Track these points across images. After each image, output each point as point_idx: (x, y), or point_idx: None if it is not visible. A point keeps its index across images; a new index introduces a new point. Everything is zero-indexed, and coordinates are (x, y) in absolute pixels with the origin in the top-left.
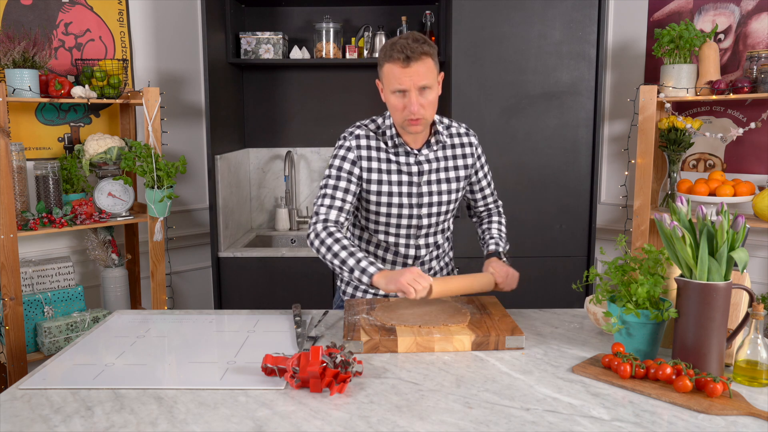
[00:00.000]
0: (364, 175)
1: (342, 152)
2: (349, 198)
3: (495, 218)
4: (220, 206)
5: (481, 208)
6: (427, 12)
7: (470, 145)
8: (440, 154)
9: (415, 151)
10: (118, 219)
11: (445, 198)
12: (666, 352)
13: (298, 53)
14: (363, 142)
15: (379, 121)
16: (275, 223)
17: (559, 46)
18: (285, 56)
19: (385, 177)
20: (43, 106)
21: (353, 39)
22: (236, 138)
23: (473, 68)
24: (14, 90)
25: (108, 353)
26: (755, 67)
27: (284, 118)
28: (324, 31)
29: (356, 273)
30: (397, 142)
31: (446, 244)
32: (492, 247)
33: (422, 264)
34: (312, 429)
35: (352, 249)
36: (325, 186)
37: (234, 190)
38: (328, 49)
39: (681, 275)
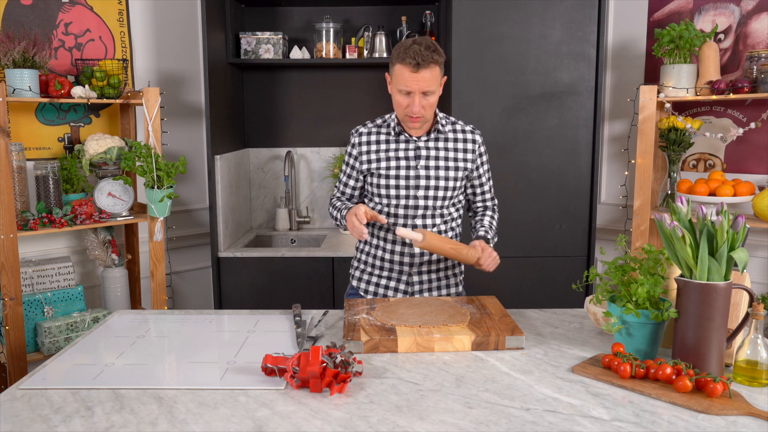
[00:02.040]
0: (365, 166)
1: (349, 148)
2: (349, 190)
3: (489, 212)
4: (220, 206)
5: (479, 204)
6: (427, 12)
7: (473, 141)
8: (441, 144)
9: (415, 138)
10: (118, 219)
11: (441, 183)
12: (666, 352)
13: (298, 53)
14: (364, 138)
15: (386, 116)
16: (275, 223)
17: (559, 46)
18: (285, 56)
19: (384, 163)
20: (43, 106)
21: (353, 39)
22: (236, 138)
23: (473, 68)
24: (14, 90)
25: (108, 353)
26: (755, 67)
27: (284, 118)
28: (324, 31)
29: (342, 223)
30: (397, 130)
31: (450, 234)
32: (481, 233)
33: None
34: (312, 429)
35: (342, 205)
36: (339, 180)
37: (234, 190)
38: (328, 49)
39: (681, 275)
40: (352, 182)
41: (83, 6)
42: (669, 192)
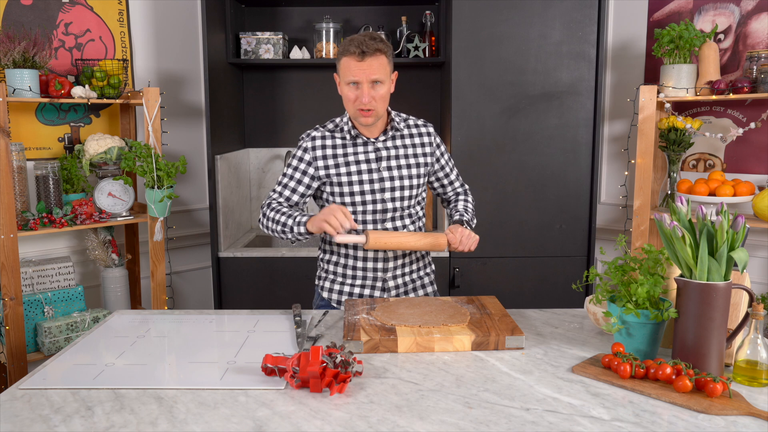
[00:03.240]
0: (322, 172)
1: (299, 153)
2: (296, 197)
3: (461, 197)
4: (220, 206)
5: (450, 194)
6: (427, 12)
7: (428, 134)
8: (398, 142)
9: (372, 140)
10: (118, 219)
11: (406, 183)
12: (666, 352)
13: (298, 53)
14: (318, 142)
15: (337, 120)
16: None
17: (559, 46)
18: (285, 56)
19: (343, 169)
20: (43, 106)
21: None
22: (236, 138)
23: (473, 68)
24: (14, 90)
25: (108, 353)
26: (755, 67)
27: (284, 118)
28: (324, 31)
29: (295, 229)
30: (353, 134)
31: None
32: (456, 217)
33: (394, 251)
34: (312, 429)
35: (290, 212)
36: (278, 182)
37: (234, 190)
38: (328, 49)
39: (681, 275)
40: (301, 188)
41: (83, 6)
42: (669, 192)
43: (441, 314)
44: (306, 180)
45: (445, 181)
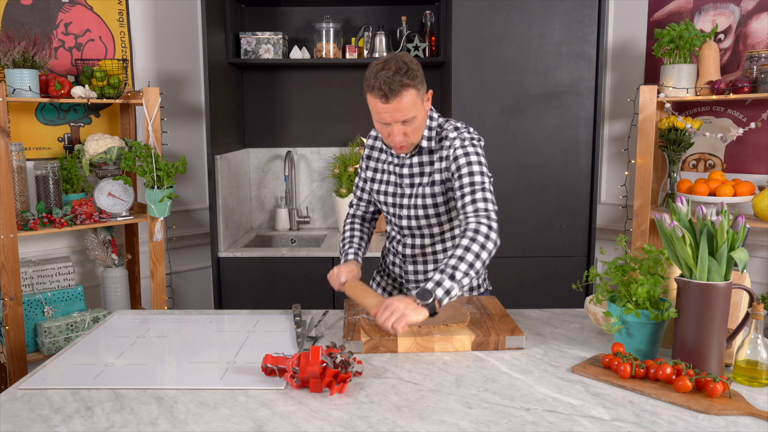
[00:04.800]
0: (369, 174)
1: (364, 152)
2: (360, 193)
3: (460, 241)
4: (220, 206)
5: (461, 215)
6: (427, 12)
7: (450, 147)
8: (425, 158)
9: (402, 155)
10: (118, 219)
11: (421, 201)
12: (666, 352)
13: (298, 53)
14: (378, 143)
15: None
16: (275, 223)
17: (559, 46)
18: (285, 56)
19: (378, 176)
20: (43, 106)
21: (353, 39)
22: (236, 138)
23: (473, 68)
24: (14, 90)
25: (108, 353)
26: (755, 67)
27: (284, 118)
28: (324, 31)
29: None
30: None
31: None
32: (428, 283)
33: (415, 263)
34: (312, 429)
35: (348, 238)
36: (356, 186)
37: (234, 190)
38: (328, 49)
39: (681, 275)
40: (365, 195)
41: (83, 6)
42: (669, 192)
43: (441, 314)
44: (362, 176)
45: (455, 198)
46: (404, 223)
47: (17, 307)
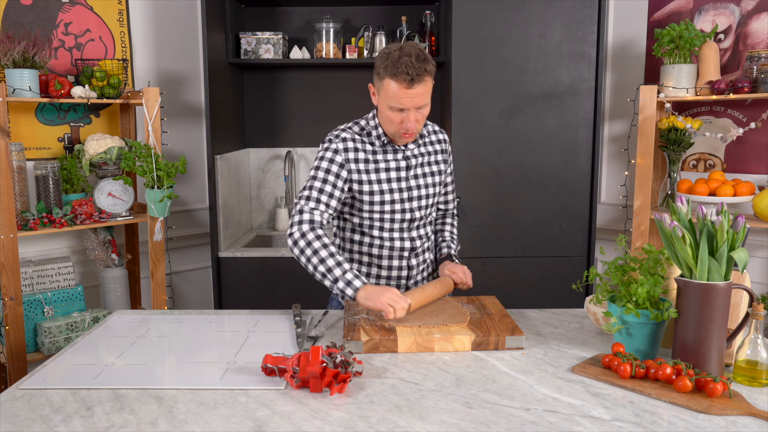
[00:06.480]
0: (354, 176)
1: (329, 154)
2: (333, 203)
3: (448, 220)
4: (220, 206)
5: (442, 207)
6: (427, 12)
7: (445, 141)
8: (423, 149)
9: (402, 148)
10: (118, 219)
11: (431, 190)
12: (666, 352)
13: (298, 53)
14: (350, 144)
15: (362, 122)
16: (275, 223)
17: (559, 46)
18: (285, 56)
19: (374, 176)
20: (43, 106)
21: (353, 39)
22: (236, 138)
23: (473, 68)
24: (14, 90)
25: (108, 353)
26: (755, 67)
27: (284, 118)
28: (324, 31)
29: (340, 284)
30: (384, 141)
31: (433, 236)
32: (444, 251)
33: (417, 255)
34: (312, 429)
35: (339, 258)
36: (311, 187)
37: (234, 190)
38: (328, 49)
39: (681, 275)
40: (337, 193)
41: (83, 6)
42: (669, 192)
43: (441, 314)
44: (340, 184)
45: (448, 188)
46: (417, 214)
47: (17, 307)
